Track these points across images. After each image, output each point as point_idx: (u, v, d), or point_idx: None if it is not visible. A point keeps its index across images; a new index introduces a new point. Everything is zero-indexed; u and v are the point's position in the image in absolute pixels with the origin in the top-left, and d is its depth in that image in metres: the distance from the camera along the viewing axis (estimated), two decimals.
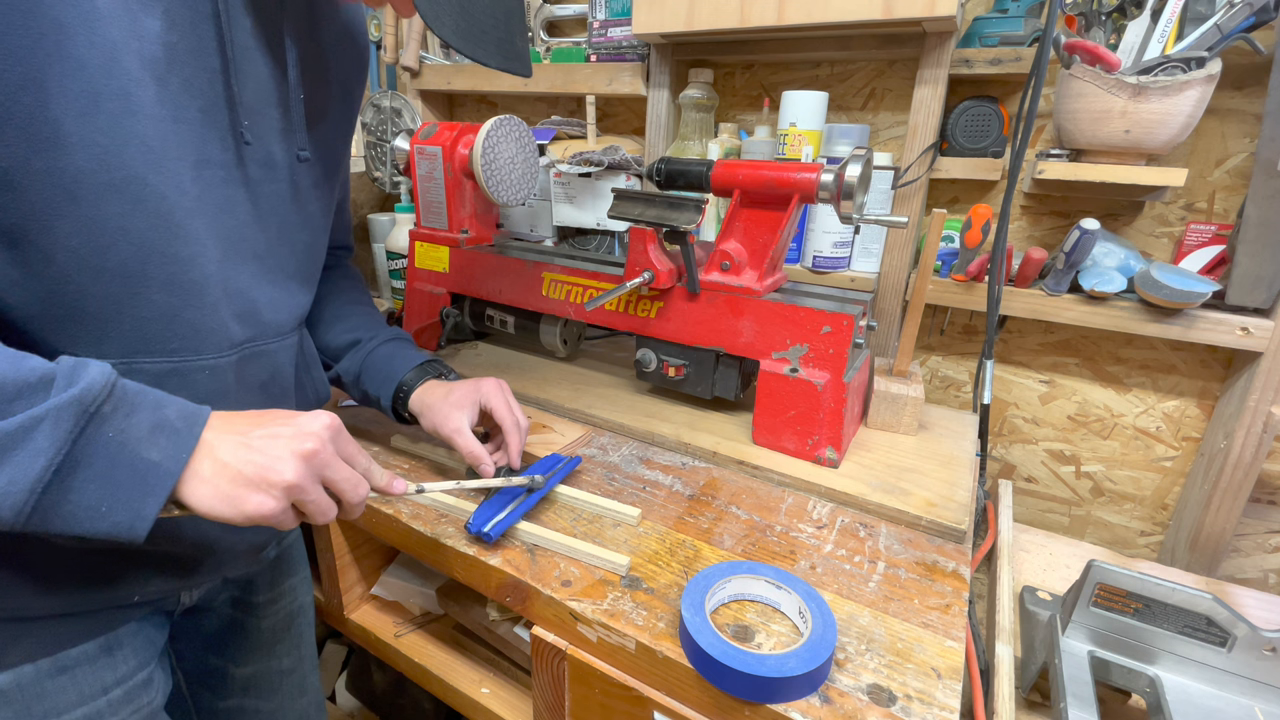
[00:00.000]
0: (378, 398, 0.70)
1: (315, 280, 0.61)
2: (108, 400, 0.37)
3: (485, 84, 1.20)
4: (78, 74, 0.37)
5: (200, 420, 0.41)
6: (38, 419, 0.34)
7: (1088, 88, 0.73)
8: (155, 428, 0.38)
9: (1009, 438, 1.02)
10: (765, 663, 0.44)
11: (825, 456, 0.72)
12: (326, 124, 0.57)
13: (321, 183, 0.57)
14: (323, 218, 0.59)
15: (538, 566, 0.57)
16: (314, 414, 0.45)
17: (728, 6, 0.86)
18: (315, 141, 0.55)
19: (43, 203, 0.38)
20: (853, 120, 1.01)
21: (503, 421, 0.65)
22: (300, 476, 0.41)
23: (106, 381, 0.37)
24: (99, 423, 0.36)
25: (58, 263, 0.39)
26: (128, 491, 0.37)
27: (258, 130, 0.48)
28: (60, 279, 0.40)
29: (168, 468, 0.38)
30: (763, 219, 0.73)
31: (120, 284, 0.42)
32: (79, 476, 0.36)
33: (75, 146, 0.37)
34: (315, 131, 0.55)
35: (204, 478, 0.39)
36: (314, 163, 0.55)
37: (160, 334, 0.44)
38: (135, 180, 0.40)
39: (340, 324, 0.72)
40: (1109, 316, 0.81)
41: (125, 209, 0.40)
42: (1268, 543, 0.88)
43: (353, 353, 0.71)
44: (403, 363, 0.70)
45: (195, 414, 0.41)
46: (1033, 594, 0.64)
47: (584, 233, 1.11)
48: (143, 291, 0.43)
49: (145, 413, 0.39)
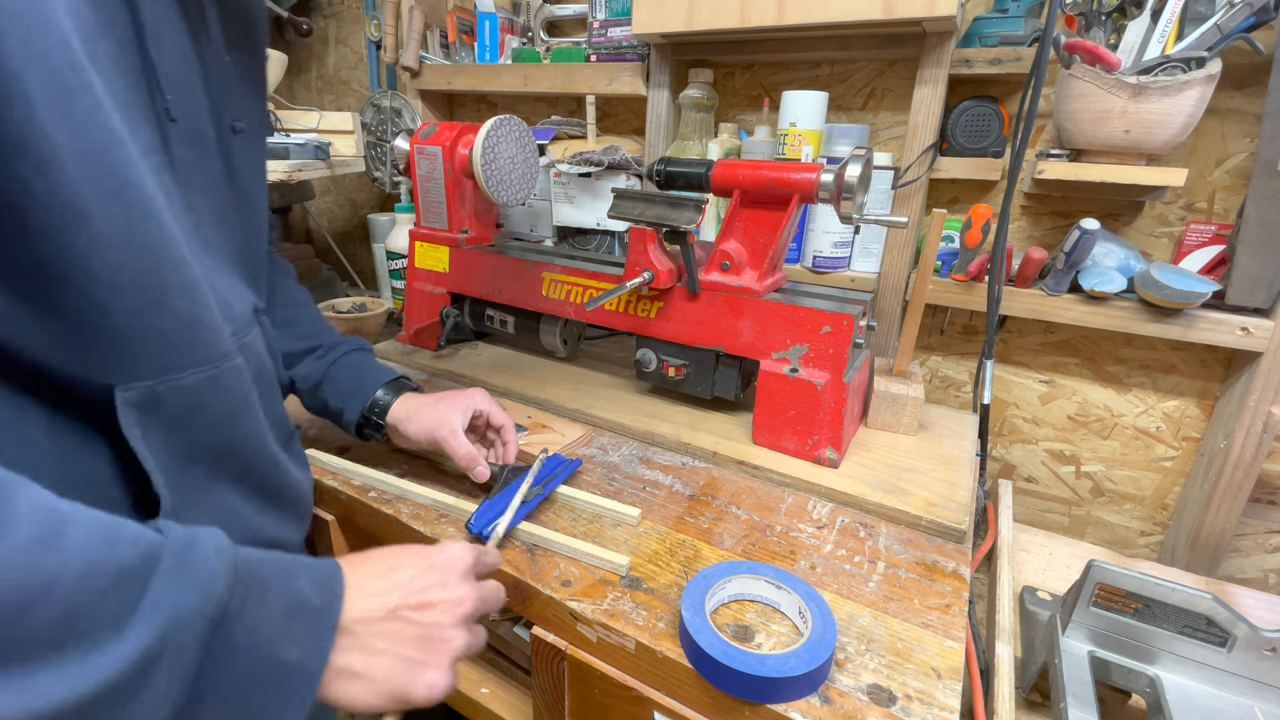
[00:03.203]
0: (340, 410, 0.66)
1: (262, 264, 0.55)
2: (234, 592, 0.31)
3: (485, 84, 1.20)
4: (44, 69, 0.31)
5: (337, 591, 0.35)
6: (152, 656, 0.27)
7: (1088, 88, 0.73)
8: (290, 611, 0.33)
9: (1009, 438, 1.02)
10: (765, 663, 0.44)
11: (825, 456, 0.72)
12: (255, 88, 0.51)
13: (255, 155, 0.52)
14: (261, 195, 0.53)
15: (538, 566, 0.57)
16: (451, 554, 0.42)
17: (728, 6, 0.86)
18: (247, 110, 0.49)
19: (53, 228, 0.33)
20: (853, 120, 1.01)
21: (502, 423, 0.68)
22: (467, 638, 0.39)
23: (228, 565, 0.31)
24: (227, 628, 0.30)
25: (78, 286, 0.34)
26: (262, 707, 0.31)
27: (182, 104, 0.41)
28: (83, 304, 0.35)
29: (309, 668, 0.32)
30: (763, 219, 0.73)
31: (141, 297, 0.37)
32: (205, 707, 0.29)
33: (68, 158, 0.32)
34: (246, 99, 0.49)
35: (355, 673, 0.34)
36: (248, 133, 0.49)
37: (188, 343, 0.40)
38: (131, 185, 0.36)
39: (292, 328, 0.67)
40: (1109, 316, 0.81)
41: (129, 216, 0.36)
42: (1268, 543, 0.88)
43: (311, 360, 0.67)
44: (373, 375, 0.68)
45: (330, 580, 0.35)
46: (1033, 594, 0.64)
47: (584, 233, 1.11)
48: (164, 299, 0.38)
49: (276, 592, 0.33)
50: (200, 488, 0.43)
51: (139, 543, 0.29)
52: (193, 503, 0.42)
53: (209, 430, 0.42)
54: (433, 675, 0.37)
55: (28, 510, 0.26)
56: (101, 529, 0.28)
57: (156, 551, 0.29)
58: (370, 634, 0.36)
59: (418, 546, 0.43)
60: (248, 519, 0.46)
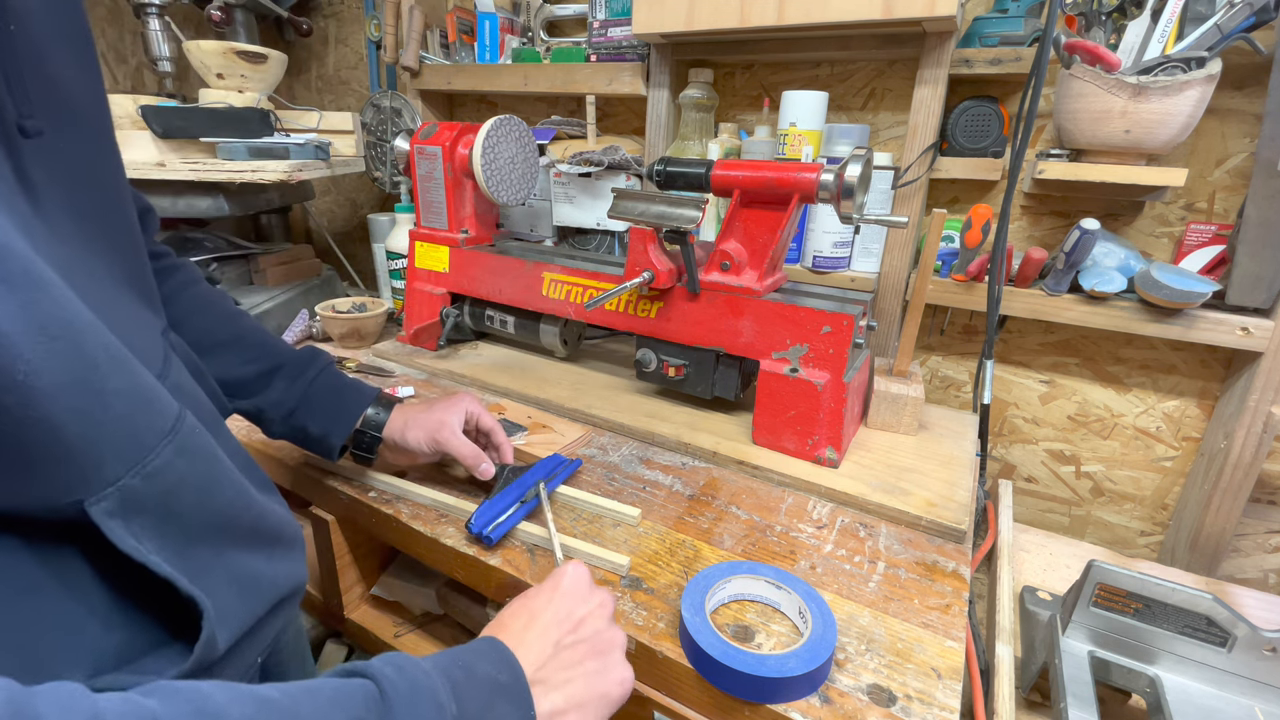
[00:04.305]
0: (323, 434, 0.62)
1: (146, 275, 0.45)
2: (451, 696, 0.33)
3: (485, 84, 1.20)
4: None
5: (512, 660, 0.38)
6: None
7: (1088, 88, 0.73)
8: (493, 693, 0.35)
9: (1009, 438, 1.02)
10: (765, 663, 0.44)
11: (825, 456, 0.72)
12: (84, 74, 0.39)
13: (84, 149, 0.39)
14: (117, 192, 0.42)
15: (538, 566, 0.57)
16: (572, 574, 0.46)
17: (728, 6, 0.86)
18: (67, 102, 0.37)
19: None
20: (853, 120, 1.01)
21: (490, 426, 0.68)
22: (621, 631, 0.43)
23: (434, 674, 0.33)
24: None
25: (22, 420, 0.28)
26: None
27: (40, 106, 0.34)
28: (34, 433, 0.29)
29: None
30: (763, 219, 0.73)
31: (83, 396, 0.31)
32: None
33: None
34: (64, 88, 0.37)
35: (562, 711, 0.38)
36: (58, 130, 0.36)
37: (148, 421, 0.34)
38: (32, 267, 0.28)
39: (239, 349, 0.59)
40: (1109, 316, 0.81)
41: (53, 300, 0.29)
42: (1268, 543, 0.88)
43: (280, 384, 0.60)
44: (355, 395, 0.64)
45: (502, 655, 0.38)
46: (1033, 594, 0.64)
47: (584, 233, 1.11)
48: (104, 384, 0.32)
49: (472, 682, 0.35)
50: (210, 566, 0.39)
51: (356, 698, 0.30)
52: (212, 587, 0.38)
53: (195, 504, 0.38)
54: (617, 673, 0.40)
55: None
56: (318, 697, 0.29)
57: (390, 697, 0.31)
58: (553, 672, 0.39)
59: (539, 586, 0.46)
60: (265, 576, 0.42)
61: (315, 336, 1.11)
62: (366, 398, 0.65)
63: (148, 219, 0.53)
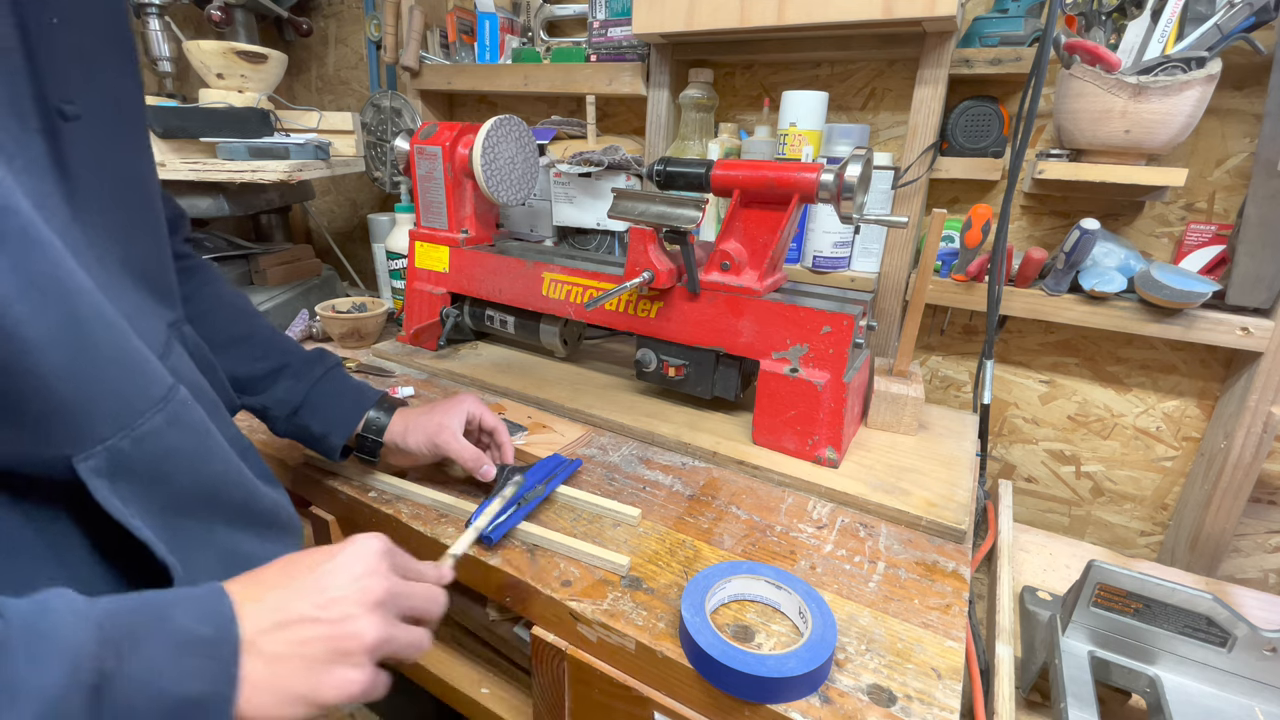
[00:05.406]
0: (324, 434, 0.62)
1: (167, 270, 0.47)
2: (105, 651, 0.28)
3: (485, 84, 1.20)
4: None
5: (226, 613, 0.32)
6: None
7: (1088, 88, 0.73)
8: (179, 648, 0.30)
9: (1009, 438, 1.02)
10: (765, 663, 0.44)
11: (825, 456, 0.72)
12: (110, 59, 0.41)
13: (117, 142, 0.41)
14: (147, 188, 0.45)
15: (538, 566, 0.57)
16: (358, 544, 0.39)
17: (728, 6, 0.86)
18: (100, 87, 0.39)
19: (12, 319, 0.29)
20: (853, 120, 1.01)
21: (494, 425, 0.68)
22: (381, 628, 0.35)
23: (91, 625, 0.28)
24: (112, 689, 0.27)
25: (15, 373, 0.30)
26: None
27: (80, 93, 0.35)
28: (25, 387, 0.31)
29: (221, 694, 0.30)
30: (763, 219, 0.73)
31: (76, 357, 0.33)
32: None
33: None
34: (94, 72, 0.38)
35: (258, 684, 0.32)
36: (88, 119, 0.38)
37: (140, 387, 0.36)
38: None
39: (248, 346, 0.61)
40: (1109, 316, 0.81)
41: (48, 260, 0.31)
42: (1268, 543, 0.88)
43: (285, 382, 0.62)
44: (358, 396, 0.65)
45: (215, 605, 0.33)
46: (1033, 594, 0.64)
47: (584, 233, 1.11)
48: (97, 351, 0.34)
49: (154, 635, 0.30)
50: (198, 540, 0.40)
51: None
52: (197, 561, 0.39)
53: (184, 474, 0.39)
54: (340, 675, 0.34)
55: None
56: None
57: (2, 638, 0.26)
58: (271, 643, 0.33)
59: (324, 547, 0.40)
60: (256, 556, 0.42)
61: (315, 336, 1.11)
62: (369, 400, 0.65)
63: (179, 223, 0.57)
